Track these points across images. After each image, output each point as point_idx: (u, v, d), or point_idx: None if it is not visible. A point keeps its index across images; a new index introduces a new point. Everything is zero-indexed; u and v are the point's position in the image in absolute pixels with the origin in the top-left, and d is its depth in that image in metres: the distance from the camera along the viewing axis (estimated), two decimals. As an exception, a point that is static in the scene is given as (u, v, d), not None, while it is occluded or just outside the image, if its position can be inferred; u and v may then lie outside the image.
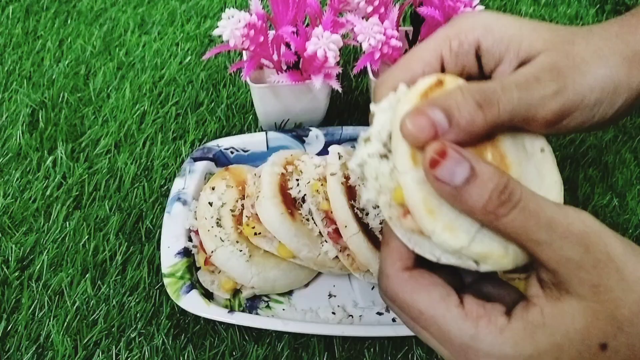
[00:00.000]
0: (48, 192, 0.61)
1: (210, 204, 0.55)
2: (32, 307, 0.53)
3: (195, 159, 0.60)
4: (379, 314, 0.53)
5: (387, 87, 0.36)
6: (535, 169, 0.33)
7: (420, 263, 0.34)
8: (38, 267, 0.55)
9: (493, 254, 0.31)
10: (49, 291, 0.54)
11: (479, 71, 0.37)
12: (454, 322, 0.31)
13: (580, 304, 0.29)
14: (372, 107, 0.35)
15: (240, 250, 0.52)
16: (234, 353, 0.51)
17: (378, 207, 0.35)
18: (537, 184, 0.33)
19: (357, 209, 0.51)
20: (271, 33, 0.59)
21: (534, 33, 0.35)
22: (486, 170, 0.29)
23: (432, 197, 0.31)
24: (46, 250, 0.57)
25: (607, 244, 0.29)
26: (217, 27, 0.53)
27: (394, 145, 0.32)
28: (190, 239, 0.55)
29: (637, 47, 0.35)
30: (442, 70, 0.37)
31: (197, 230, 0.54)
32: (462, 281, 0.36)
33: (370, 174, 0.33)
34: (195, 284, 0.52)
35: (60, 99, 0.70)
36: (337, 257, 0.52)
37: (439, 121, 0.30)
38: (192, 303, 0.50)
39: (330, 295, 0.55)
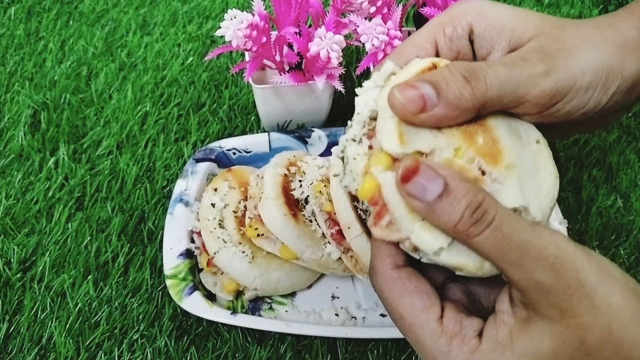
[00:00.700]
0: (50, 194, 0.61)
1: (213, 205, 0.55)
2: (35, 308, 0.53)
3: (198, 160, 0.60)
4: (383, 315, 0.53)
5: None
6: (531, 158, 0.33)
7: (411, 260, 0.34)
8: (40, 268, 0.55)
9: (469, 261, 0.30)
10: (51, 293, 0.54)
11: (473, 58, 0.37)
12: (430, 336, 0.31)
13: (548, 326, 0.29)
14: (357, 90, 0.35)
15: (243, 252, 0.52)
16: (236, 355, 0.51)
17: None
18: (532, 173, 0.32)
19: (361, 210, 0.51)
20: (274, 34, 0.59)
21: (526, 20, 0.35)
22: (461, 187, 0.29)
23: None
24: (48, 252, 0.56)
25: (580, 269, 0.29)
26: (220, 27, 0.52)
27: (380, 125, 0.31)
28: (192, 241, 0.55)
29: (628, 35, 0.35)
30: (437, 56, 0.37)
31: (199, 232, 0.54)
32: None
33: (345, 160, 0.33)
34: (197, 286, 0.52)
35: (62, 100, 0.70)
36: (340, 258, 0.52)
37: (427, 94, 0.30)
38: (195, 304, 0.50)
39: (333, 297, 0.55)
